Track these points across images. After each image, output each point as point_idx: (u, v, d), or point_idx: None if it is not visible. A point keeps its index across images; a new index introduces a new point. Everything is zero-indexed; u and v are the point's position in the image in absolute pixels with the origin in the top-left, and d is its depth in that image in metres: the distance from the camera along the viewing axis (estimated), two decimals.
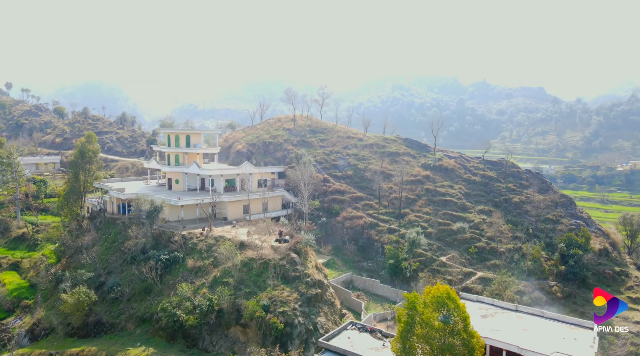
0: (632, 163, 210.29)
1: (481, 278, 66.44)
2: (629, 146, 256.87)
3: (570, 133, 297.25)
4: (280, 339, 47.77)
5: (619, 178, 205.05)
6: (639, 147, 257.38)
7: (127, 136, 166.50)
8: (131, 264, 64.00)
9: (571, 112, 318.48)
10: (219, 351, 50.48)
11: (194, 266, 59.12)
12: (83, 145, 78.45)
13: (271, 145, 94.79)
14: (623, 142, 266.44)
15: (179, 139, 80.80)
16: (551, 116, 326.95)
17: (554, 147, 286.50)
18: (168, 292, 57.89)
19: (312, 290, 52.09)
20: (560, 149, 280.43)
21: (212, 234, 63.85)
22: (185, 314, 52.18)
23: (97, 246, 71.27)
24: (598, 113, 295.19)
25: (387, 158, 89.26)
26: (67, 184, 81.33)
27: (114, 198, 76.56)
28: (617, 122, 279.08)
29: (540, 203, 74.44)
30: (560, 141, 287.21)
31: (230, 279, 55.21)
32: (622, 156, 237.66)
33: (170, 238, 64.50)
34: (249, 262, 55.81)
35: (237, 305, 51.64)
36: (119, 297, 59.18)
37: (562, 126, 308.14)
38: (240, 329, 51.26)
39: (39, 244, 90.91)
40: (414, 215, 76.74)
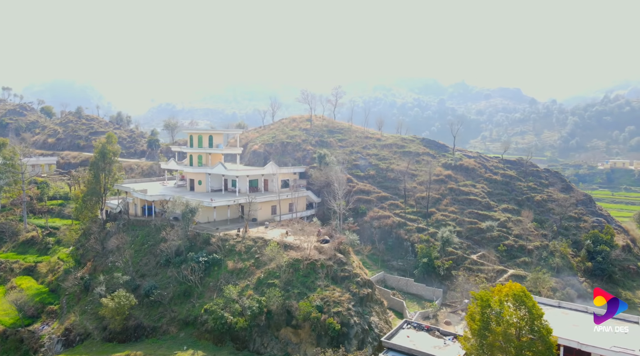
0: (612, 162, 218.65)
1: (513, 275, 67.82)
2: (603, 145, 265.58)
3: (548, 133, 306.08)
4: (337, 339, 47.87)
5: (600, 176, 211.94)
6: (613, 147, 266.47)
7: (125, 136, 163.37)
8: (165, 266, 63.28)
9: (548, 112, 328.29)
10: (271, 353, 50.39)
11: (234, 268, 58.78)
12: (103, 146, 76.93)
13: (289, 145, 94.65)
14: (598, 141, 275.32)
15: (202, 139, 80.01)
16: (529, 116, 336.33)
17: (533, 146, 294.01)
18: (209, 294, 57.44)
19: (363, 290, 52.47)
20: (539, 148, 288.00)
21: (248, 236, 63.52)
22: (232, 316, 51.94)
23: (124, 249, 69.93)
24: (573, 114, 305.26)
25: (407, 158, 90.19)
26: (86, 186, 79.52)
27: (137, 199, 75.31)
28: (592, 123, 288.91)
29: (565, 201, 76.54)
30: (538, 140, 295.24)
31: (275, 280, 55.12)
32: (597, 155, 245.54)
33: (206, 239, 63.99)
34: (294, 263, 55.77)
35: (287, 306, 51.62)
36: (158, 300, 58.29)
37: (540, 126, 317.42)
38: (291, 330, 51.26)
39: (50, 248, 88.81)
40: (441, 214, 77.85)
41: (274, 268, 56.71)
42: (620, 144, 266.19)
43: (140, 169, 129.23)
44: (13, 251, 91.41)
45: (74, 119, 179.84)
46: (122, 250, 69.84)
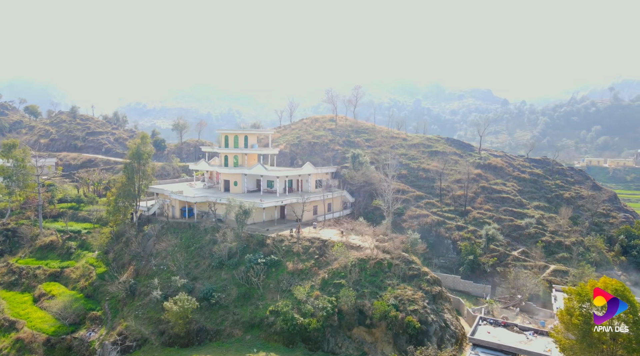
0: (587, 160, 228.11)
1: (555, 270, 70.13)
2: (572, 144, 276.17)
3: (520, 132, 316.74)
4: (416, 338, 48.56)
5: None
6: (582, 145, 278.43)
7: (126, 136, 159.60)
8: (219, 269, 62.63)
9: (519, 113, 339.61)
10: (346, 352, 50.62)
11: (295, 269, 58.70)
12: (138, 147, 75.30)
13: (317, 145, 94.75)
14: (567, 140, 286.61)
15: (238, 139, 79.28)
16: (502, 117, 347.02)
17: (507, 145, 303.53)
18: (271, 296, 57.23)
19: (434, 288, 53.36)
20: (513, 147, 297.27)
21: (303, 236, 63.48)
22: (302, 317, 51.98)
23: (172, 252, 68.66)
24: (543, 114, 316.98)
25: (436, 158, 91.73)
26: (118, 188, 77.50)
27: (175, 201, 74.01)
28: (561, 122, 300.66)
29: (596, 198, 79.61)
30: (512, 139, 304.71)
31: (342, 280, 55.45)
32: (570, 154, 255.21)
33: (261, 241, 63.62)
34: (359, 263, 56.10)
35: (359, 305, 52.00)
36: (217, 303, 57.57)
37: (513, 125, 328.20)
38: (364, 330, 51.70)
39: (73, 253, 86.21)
40: (477, 212, 79.61)
41: (338, 268, 56.97)
42: (588, 143, 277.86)
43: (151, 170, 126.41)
44: (31, 256, 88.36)
45: (67, 119, 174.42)
46: (166, 253, 68.63)
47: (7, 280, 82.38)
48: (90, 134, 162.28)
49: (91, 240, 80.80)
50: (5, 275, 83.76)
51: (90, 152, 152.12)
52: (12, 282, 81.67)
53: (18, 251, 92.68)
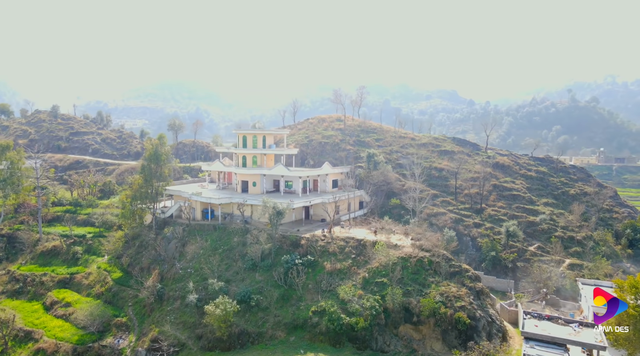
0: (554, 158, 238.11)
1: (571, 264, 73.08)
2: (535, 142, 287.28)
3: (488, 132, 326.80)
4: (465, 333, 49.61)
5: None
6: (544, 144, 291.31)
7: (114, 136, 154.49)
8: (252, 271, 61.90)
9: (485, 113, 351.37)
10: (395, 350, 51.11)
11: (332, 269, 58.75)
12: (157, 148, 73.21)
13: (327, 145, 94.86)
14: (530, 139, 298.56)
15: (257, 140, 78.38)
16: (468, 117, 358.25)
17: None
18: (310, 297, 57.13)
19: (477, 284, 54.61)
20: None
21: (337, 236, 63.56)
22: (348, 317, 52.21)
23: (193, 255, 67.19)
24: (507, 114, 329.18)
25: (445, 157, 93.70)
26: (134, 190, 75.04)
27: (197, 203, 72.48)
28: (524, 122, 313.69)
29: (603, 194, 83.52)
30: (479, 139, 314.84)
31: (384, 279, 55.95)
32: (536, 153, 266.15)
33: (294, 242, 63.28)
34: (401, 261, 56.70)
35: (405, 303, 52.61)
36: (257, 305, 56.89)
37: (479, 125, 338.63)
38: (411, 327, 52.40)
39: (80, 258, 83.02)
40: (491, 210, 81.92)
41: (378, 267, 57.44)
42: (549, 142, 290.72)
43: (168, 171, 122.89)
44: (33, 263, 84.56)
45: (47, 119, 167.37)
46: (191, 256, 67.15)
47: (11, 288, 78.48)
48: (74, 134, 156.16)
49: (105, 245, 77.77)
50: (8, 283, 79.76)
51: (76, 153, 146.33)
52: (17, 290, 77.90)
53: (17, 257, 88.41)
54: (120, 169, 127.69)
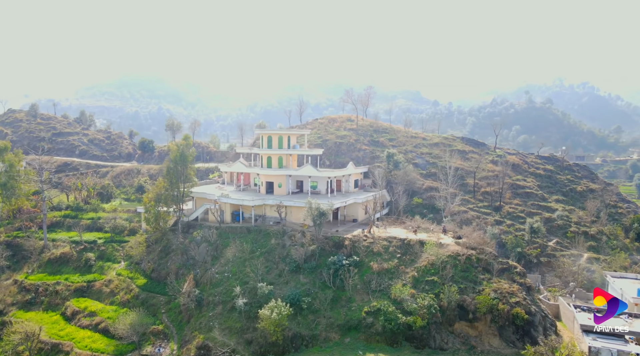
0: None
1: (588, 258, 76.26)
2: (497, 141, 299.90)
3: (452, 132, 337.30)
4: (522, 328, 50.84)
5: None
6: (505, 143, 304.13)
7: (102, 137, 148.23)
8: (295, 273, 60.99)
9: (449, 113, 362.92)
10: (453, 348, 51.76)
11: (380, 269, 58.82)
12: (183, 149, 70.79)
13: (342, 145, 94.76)
14: (492, 138, 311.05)
15: (282, 140, 77.21)
16: (434, 117, 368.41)
17: None
18: (360, 297, 57.06)
19: (525, 280, 56.02)
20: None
21: (378, 236, 63.65)
22: (404, 316, 52.48)
23: (228, 259, 65.50)
24: (470, 114, 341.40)
25: (458, 156, 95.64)
26: (157, 193, 72.25)
27: (226, 205, 70.64)
28: (486, 122, 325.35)
29: (610, 191, 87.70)
30: None
31: (434, 277, 56.55)
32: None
33: (337, 243, 62.91)
34: (449, 260, 57.40)
35: (459, 300, 53.34)
36: (308, 308, 56.11)
37: (444, 125, 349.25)
38: (466, 324, 53.21)
39: (93, 265, 79.22)
40: (509, 207, 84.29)
41: (427, 266, 57.95)
42: (509, 141, 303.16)
43: (141, 173, 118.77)
44: (41, 271, 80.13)
45: (25, 118, 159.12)
46: (226, 260, 65.47)
47: (22, 299, 73.92)
48: (57, 135, 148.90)
49: (127, 250, 74.42)
50: (18, 294, 75.05)
51: (62, 154, 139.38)
52: (29, 301, 73.52)
53: (22, 266, 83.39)
54: (115, 171, 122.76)
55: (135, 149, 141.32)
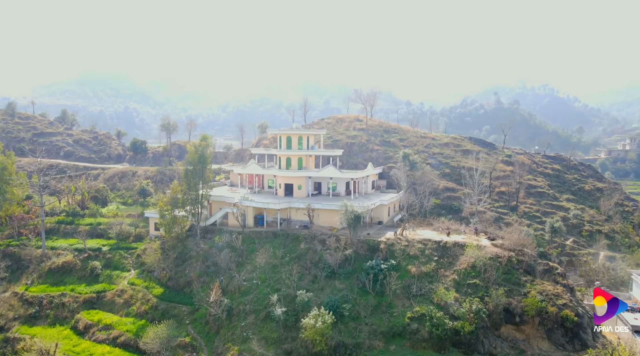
0: None
1: (605, 256, 77.22)
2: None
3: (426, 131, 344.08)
4: (572, 331, 50.34)
5: None
6: None
7: (88, 138, 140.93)
8: (330, 279, 58.76)
9: (422, 113, 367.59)
10: (502, 352, 50.80)
11: (418, 272, 57.34)
12: (203, 149, 67.20)
13: (354, 146, 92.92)
14: None
15: (302, 140, 74.61)
16: (406, 117, 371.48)
17: None
18: (401, 302, 55.37)
19: (569, 281, 55.64)
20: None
21: (412, 239, 62.14)
22: (451, 321, 51.19)
23: (255, 265, 62.57)
24: (442, 115, 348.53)
25: (469, 156, 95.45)
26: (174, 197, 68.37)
27: (249, 208, 67.56)
28: (457, 122, 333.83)
29: (617, 190, 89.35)
30: None
31: (476, 280, 55.52)
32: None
33: (373, 246, 61.04)
34: (490, 262, 56.43)
35: (505, 303, 52.41)
36: (349, 315, 53.99)
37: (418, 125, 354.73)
38: (512, 328, 52.41)
39: (100, 274, 74.56)
40: (524, 207, 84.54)
41: (466, 268, 56.82)
42: None
43: (137, 176, 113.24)
44: (42, 282, 74.99)
45: (2, 118, 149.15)
46: (253, 266, 62.51)
47: (25, 313, 68.72)
48: (38, 135, 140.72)
49: (144, 258, 70.05)
50: (21, 308, 69.57)
51: (45, 156, 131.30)
52: (33, 315, 68.43)
53: (19, 277, 77.78)
54: (107, 173, 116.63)
55: (125, 150, 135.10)
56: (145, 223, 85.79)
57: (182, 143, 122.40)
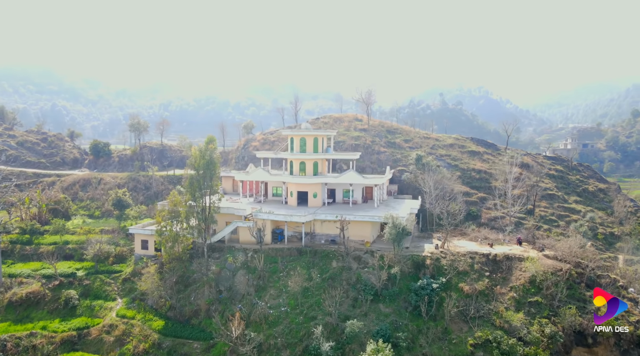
0: None
1: (624, 259, 75.77)
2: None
3: None
4: None
5: None
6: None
7: (36, 139, 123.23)
8: (374, 302, 51.35)
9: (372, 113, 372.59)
10: None
11: (472, 291, 51.43)
12: (211, 153, 57.24)
13: (359, 148, 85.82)
14: None
15: (317, 143, 66.42)
16: None
17: None
18: (458, 326, 49.28)
19: (632, 293, 51.92)
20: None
21: (457, 252, 56.19)
22: (521, 347, 45.77)
23: (279, 289, 53.93)
24: (391, 115, 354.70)
25: (475, 157, 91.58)
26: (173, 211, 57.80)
27: (266, 222, 58.51)
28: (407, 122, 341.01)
29: (621, 192, 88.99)
30: None
31: (537, 298, 50.58)
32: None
33: (418, 262, 54.31)
34: (549, 277, 51.61)
35: (575, 323, 47.82)
36: (403, 345, 46.96)
37: None
38: (584, 350, 48.11)
39: (78, 306, 62.50)
40: (539, 210, 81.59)
41: (525, 284, 51.65)
42: None
43: (103, 183, 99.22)
44: (1, 320, 61.46)
45: None
46: (277, 291, 53.84)
47: None
48: None
49: (140, 285, 58.64)
50: None
51: None
52: None
53: None
54: (65, 181, 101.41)
55: (82, 154, 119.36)
56: (126, 240, 73.78)
57: (155, 145, 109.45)
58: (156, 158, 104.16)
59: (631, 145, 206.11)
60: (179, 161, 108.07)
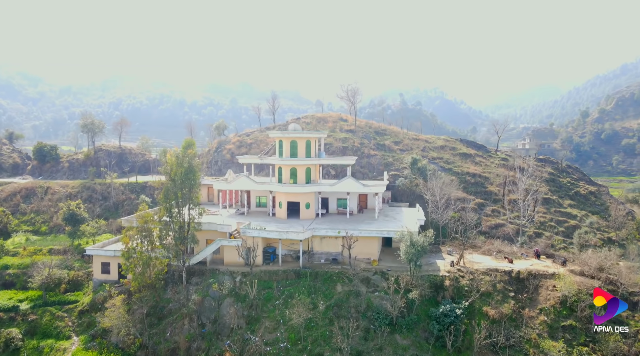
0: None
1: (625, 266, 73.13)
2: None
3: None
4: None
5: None
6: None
7: None
8: (389, 332, 44.42)
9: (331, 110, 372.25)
10: None
11: (498, 315, 45.60)
12: (190, 159, 48.29)
13: (348, 150, 78.71)
14: None
15: (310, 146, 58.65)
16: None
17: None
18: None
19: None
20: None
21: (476, 269, 50.28)
22: None
23: (275, 320, 45.97)
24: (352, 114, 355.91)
25: (467, 160, 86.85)
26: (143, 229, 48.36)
27: (257, 240, 50.23)
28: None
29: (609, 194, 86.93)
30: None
31: (571, 321, 45.36)
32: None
33: (435, 283, 47.70)
34: (582, 297, 46.61)
35: (619, 350, 42.99)
36: None
37: None
38: None
39: (21, 348, 52.26)
40: (538, 216, 77.74)
41: (555, 306, 46.38)
42: None
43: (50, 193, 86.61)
44: None
45: None
46: (273, 322, 45.80)
47: None
48: None
49: (103, 322, 48.58)
50: None
51: None
52: None
53: None
54: (4, 191, 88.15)
55: (24, 158, 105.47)
56: (82, 263, 63.01)
57: (112, 148, 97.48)
58: (114, 163, 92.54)
59: (584, 145, 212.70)
60: (140, 166, 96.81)
